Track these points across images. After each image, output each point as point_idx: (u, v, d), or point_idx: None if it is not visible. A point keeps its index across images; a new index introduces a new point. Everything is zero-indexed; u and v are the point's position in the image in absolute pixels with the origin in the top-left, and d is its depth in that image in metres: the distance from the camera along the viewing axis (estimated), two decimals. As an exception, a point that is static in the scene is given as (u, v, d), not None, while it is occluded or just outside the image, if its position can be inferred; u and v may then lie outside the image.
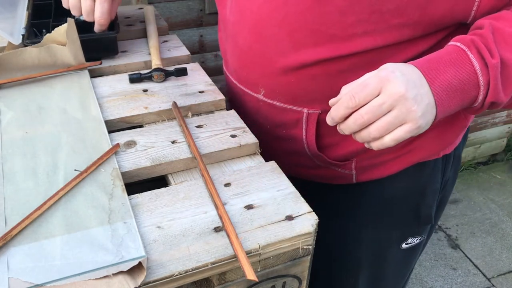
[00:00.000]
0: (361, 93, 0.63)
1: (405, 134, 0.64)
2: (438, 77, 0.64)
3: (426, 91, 0.64)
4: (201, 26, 1.76)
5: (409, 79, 0.63)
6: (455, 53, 0.65)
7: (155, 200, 0.64)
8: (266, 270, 0.62)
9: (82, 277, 0.52)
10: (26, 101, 0.81)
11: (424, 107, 0.63)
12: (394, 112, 0.62)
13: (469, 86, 0.64)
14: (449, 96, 0.64)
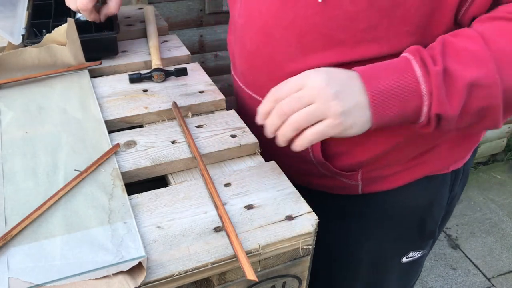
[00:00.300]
0: (283, 87, 0.64)
1: (325, 128, 0.62)
2: (375, 81, 0.62)
3: (356, 91, 0.62)
4: (201, 26, 1.76)
5: (334, 77, 0.62)
6: (400, 62, 0.63)
7: (155, 200, 0.64)
8: (266, 270, 0.62)
9: (82, 277, 0.52)
10: (26, 101, 0.81)
11: (350, 105, 0.61)
12: (313, 105, 0.61)
13: (410, 94, 0.61)
14: (386, 101, 0.62)
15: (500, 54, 0.60)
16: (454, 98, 0.61)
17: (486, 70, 0.60)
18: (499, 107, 0.62)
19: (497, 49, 0.60)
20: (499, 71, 0.60)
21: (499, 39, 0.61)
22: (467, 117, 0.63)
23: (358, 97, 0.62)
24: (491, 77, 0.60)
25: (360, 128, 0.63)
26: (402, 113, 0.63)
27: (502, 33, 0.61)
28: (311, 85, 0.62)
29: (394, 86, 0.62)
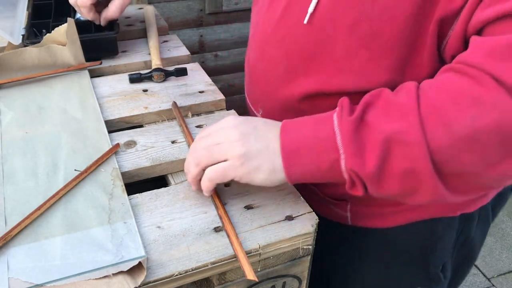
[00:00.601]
0: (205, 129, 0.64)
1: (225, 168, 0.59)
2: (292, 131, 0.59)
3: (269, 137, 0.59)
4: (201, 26, 1.76)
5: (249, 122, 0.61)
6: (326, 113, 0.59)
7: (155, 200, 0.64)
8: (266, 270, 0.62)
9: (82, 277, 0.52)
10: (26, 101, 0.81)
11: (255, 148, 0.59)
12: (219, 144, 0.60)
13: (324, 144, 0.56)
14: (297, 151, 0.57)
15: (430, 111, 0.52)
16: (369, 152, 0.54)
17: (407, 125, 0.52)
18: (428, 172, 0.52)
19: (428, 105, 0.52)
20: (425, 129, 0.52)
21: (434, 95, 0.53)
22: (392, 181, 0.55)
23: (268, 143, 0.59)
24: (412, 134, 0.52)
25: (268, 175, 0.59)
26: (317, 166, 0.57)
27: (441, 87, 0.54)
28: (225, 126, 0.62)
29: (309, 136, 0.57)
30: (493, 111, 0.49)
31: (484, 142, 0.51)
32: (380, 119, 0.54)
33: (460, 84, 0.52)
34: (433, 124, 0.51)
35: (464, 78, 0.52)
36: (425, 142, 0.51)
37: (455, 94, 0.52)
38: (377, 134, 0.53)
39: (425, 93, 0.54)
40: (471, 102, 0.51)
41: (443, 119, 0.51)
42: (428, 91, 0.54)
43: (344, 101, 0.58)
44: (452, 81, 0.53)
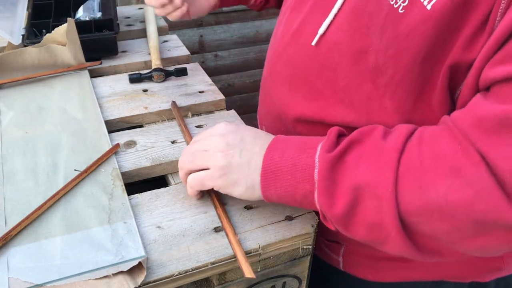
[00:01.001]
0: (196, 136, 0.64)
1: (205, 177, 0.59)
2: (278, 149, 0.57)
3: (254, 152, 0.58)
4: (201, 26, 1.76)
5: (238, 132, 0.61)
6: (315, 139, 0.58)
7: (155, 200, 0.64)
8: (266, 270, 0.62)
9: (82, 277, 0.52)
10: (26, 101, 0.81)
11: (236, 162, 0.58)
12: (204, 152, 0.60)
13: (303, 174, 0.54)
14: (277, 174, 0.56)
15: (408, 169, 0.50)
16: (339, 196, 0.53)
17: (382, 180, 0.50)
18: (394, 229, 0.50)
19: (409, 162, 0.51)
20: (398, 188, 0.50)
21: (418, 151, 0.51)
22: (359, 229, 0.54)
23: (251, 159, 0.58)
24: (384, 189, 0.50)
25: (246, 190, 0.58)
26: (292, 193, 0.56)
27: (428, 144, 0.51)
28: (214, 133, 0.61)
29: (289, 160, 0.56)
30: (469, 188, 0.47)
31: (456, 216, 0.48)
32: (358, 164, 0.53)
33: (446, 147, 0.50)
34: (407, 184, 0.50)
35: (452, 141, 0.50)
36: (395, 200, 0.50)
37: (437, 157, 0.49)
38: (351, 179, 0.52)
39: (412, 146, 0.52)
40: (450, 171, 0.48)
41: (418, 182, 0.49)
42: (416, 144, 0.52)
43: (332, 131, 0.57)
44: (440, 141, 0.51)
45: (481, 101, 0.49)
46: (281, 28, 0.74)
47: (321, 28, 0.63)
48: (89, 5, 1.06)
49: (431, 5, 0.50)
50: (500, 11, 0.47)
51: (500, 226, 0.47)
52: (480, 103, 0.49)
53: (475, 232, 0.49)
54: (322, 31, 0.63)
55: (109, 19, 0.99)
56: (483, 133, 0.47)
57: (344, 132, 0.58)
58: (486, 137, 0.46)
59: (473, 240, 0.49)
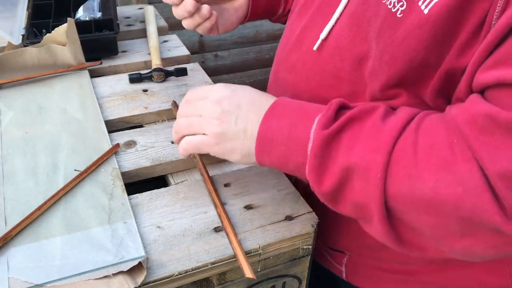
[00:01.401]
0: (194, 91, 0.63)
1: (200, 142, 0.59)
2: (274, 119, 0.56)
3: (250, 120, 0.57)
4: (201, 26, 1.76)
5: (235, 97, 0.59)
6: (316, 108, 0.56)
7: (155, 200, 0.64)
8: (266, 270, 0.62)
9: (82, 277, 0.52)
10: (26, 101, 0.81)
11: (232, 130, 0.57)
12: (199, 118, 0.60)
13: (297, 147, 0.54)
14: (272, 142, 0.56)
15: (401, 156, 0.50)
16: (329, 174, 0.52)
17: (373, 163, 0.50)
18: (377, 213, 0.50)
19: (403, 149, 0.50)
20: (388, 173, 0.50)
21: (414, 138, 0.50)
22: (346, 206, 0.54)
23: (247, 126, 0.57)
24: (374, 173, 0.50)
25: (242, 157, 0.58)
26: (285, 163, 0.56)
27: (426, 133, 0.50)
28: (210, 97, 0.60)
29: (286, 130, 0.55)
30: (458, 185, 0.46)
31: (443, 211, 0.48)
32: (353, 144, 0.52)
33: (441, 138, 0.49)
34: (397, 171, 0.49)
35: (448, 134, 0.49)
36: (383, 186, 0.49)
37: (431, 148, 0.49)
38: (343, 159, 0.52)
39: (409, 132, 0.51)
40: (441, 164, 0.47)
41: (409, 170, 0.49)
42: (413, 131, 0.51)
43: (332, 104, 0.55)
44: (437, 131, 0.50)
45: (478, 99, 0.48)
46: (285, 35, 0.74)
47: (322, 32, 0.62)
48: (89, 5, 1.06)
49: (428, 9, 0.49)
50: (496, 15, 0.46)
51: (487, 228, 0.47)
52: (476, 101, 0.48)
53: (461, 232, 0.48)
54: (323, 35, 0.62)
55: (109, 19, 0.99)
56: (475, 131, 0.46)
57: (346, 104, 0.57)
58: (478, 135, 0.46)
59: (458, 239, 0.49)
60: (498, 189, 0.44)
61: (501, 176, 0.44)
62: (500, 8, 0.45)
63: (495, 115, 0.44)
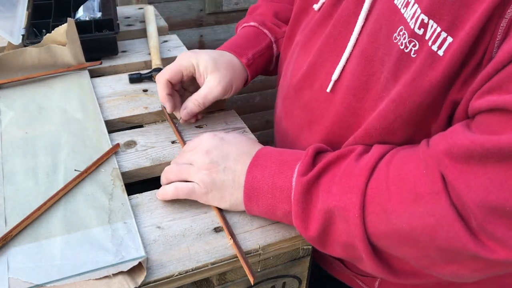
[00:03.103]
0: (188, 143, 0.66)
1: (191, 190, 0.61)
2: (260, 166, 0.59)
3: (237, 170, 0.60)
4: (201, 26, 1.76)
5: (221, 145, 0.62)
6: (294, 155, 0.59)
7: (155, 200, 0.64)
8: (266, 270, 0.62)
9: (82, 277, 0.52)
10: (26, 101, 0.81)
11: (220, 180, 0.60)
12: (190, 166, 0.62)
13: (282, 195, 0.57)
14: (259, 192, 0.58)
15: (376, 194, 0.51)
16: (313, 218, 0.55)
17: (350, 203, 0.52)
18: (364, 250, 0.52)
19: (377, 186, 0.52)
20: (365, 211, 0.51)
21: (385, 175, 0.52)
22: (335, 248, 0.56)
23: (235, 176, 0.60)
24: (352, 213, 0.52)
25: (231, 206, 0.61)
26: (273, 212, 0.58)
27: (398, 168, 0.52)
28: (199, 147, 0.63)
29: (269, 179, 0.58)
30: (430, 217, 0.47)
31: (422, 242, 0.49)
32: (330, 187, 0.54)
33: (411, 171, 0.50)
34: (373, 209, 0.51)
35: (418, 166, 0.50)
36: (362, 225, 0.51)
37: (402, 182, 0.50)
38: (323, 203, 0.54)
39: (380, 168, 0.53)
40: (413, 197, 0.49)
41: (384, 206, 0.50)
42: (384, 167, 0.53)
43: (309, 151, 0.58)
44: (408, 164, 0.51)
45: (458, 128, 0.49)
46: (291, 67, 0.73)
47: (334, 74, 0.62)
48: (89, 5, 1.06)
49: (442, 51, 0.48)
50: (495, 48, 0.46)
51: (466, 256, 0.47)
52: (456, 130, 0.49)
53: (444, 260, 0.49)
54: (335, 77, 0.62)
55: (109, 19, 0.99)
56: (452, 160, 0.47)
57: (323, 149, 0.59)
58: (455, 164, 0.46)
59: (443, 267, 0.50)
60: (474, 217, 0.45)
61: (477, 204, 0.44)
62: (499, 41, 0.45)
63: (470, 144, 0.45)
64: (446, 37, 0.48)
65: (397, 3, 0.53)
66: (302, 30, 0.73)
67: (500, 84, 0.44)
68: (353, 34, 0.59)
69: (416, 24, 0.50)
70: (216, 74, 0.74)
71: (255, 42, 0.82)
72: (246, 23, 0.86)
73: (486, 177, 0.44)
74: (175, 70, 0.74)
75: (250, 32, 0.83)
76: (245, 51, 0.80)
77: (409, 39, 0.51)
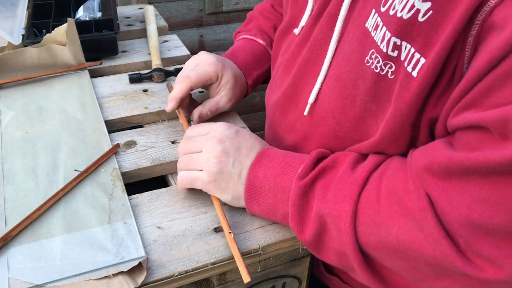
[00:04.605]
0: (196, 127, 0.66)
1: (197, 179, 0.61)
2: (264, 165, 0.59)
3: (243, 164, 0.61)
4: (201, 26, 1.76)
5: (235, 138, 0.62)
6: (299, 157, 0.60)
7: (155, 200, 0.64)
8: (266, 270, 0.62)
9: (82, 277, 0.52)
10: (26, 101, 0.81)
11: (227, 172, 0.60)
12: (200, 154, 0.62)
13: (282, 196, 0.57)
14: (260, 190, 0.59)
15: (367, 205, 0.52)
16: (308, 223, 0.56)
17: (343, 212, 0.52)
18: (356, 260, 0.53)
19: (369, 197, 0.52)
20: (357, 222, 0.52)
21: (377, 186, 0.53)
22: (329, 255, 0.56)
23: (242, 170, 0.60)
24: (344, 222, 0.52)
25: (232, 199, 0.61)
26: (273, 212, 0.59)
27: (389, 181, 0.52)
28: (212, 134, 0.63)
29: (272, 179, 0.58)
30: (419, 232, 0.48)
31: (411, 256, 0.49)
32: (326, 193, 0.55)
33: (400, 185, 0.51)
34: (364, 219, 0.52)
35: (406, 180, 0.50)
36: (354, 234, 0.52)
37: (392, 195, 0.51)
38: (317, 208, 0.54)
39: (373, 179, 0.53)
40: (402, 211, 0.49)
41: (374, 218, 0.51)
42: (377, 178, 0.53)
43: (312, 155, 0.58)
44: (398, 177, 0.52)
45: (438, 145, 0.49)
46: (273, 88, 0.74)
47: (310, 97, 0.63)
48: (89, 5, 1.06)
49: (416, 72, 0.48)
50: (465, 64, 0.46)
51: (455, 272, 0.47)
52: (436, 146, 0.49)
53: (434, 274, 0.49)
54: (312, 100, 0.63)
55: (109, 19, 0.99)
56: (434, 177, 0.47)
57: (326, 154, 0.60)
58: (437, 181, 0.47)
59: (435, 281, 0.50)
60: (459, 235, 0.45)
61: (461, 222, 0.44)
62: (468, 57, 0.46)
63: (450, 161, 0.45)
64: (419, 58, 0.48)
65: (368, 26, 0.54)
66: (283, 53, 0.73)
67: (474, 101, 0.45)
68: (326, 57, 0.59)
69: (388, 47, 0.50)
70: (231, 92, 0.77)
71: (260, 63, 0.85)
72: (254, 37, 0.87)
73: (468, 195, 0.44)
74: (203, 79, 0.74)
75: (258, 51, 0.86)
76: (252, 71, 0.83)
77: (384, 62, 0.51)
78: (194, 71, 0.74)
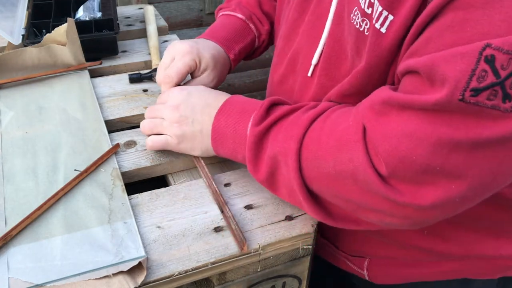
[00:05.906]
0: (159, 96, 0.73)
1: (165, 142, 0.69)
2: (223, 116, 0.65)
3: (205, 121, 0.67)
4: (201, 26, 1.76)
5: (189, 99, 0.69)
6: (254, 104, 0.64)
7: (155, 200, 0.64)
8: (266, 270, 0.62)
9: (82, 277, 0.52)
10: (26, 101, 0.81)
11: (189, 131, 0.67)
12: (162, 120, 0.69)
13: (240, 140, 0.62)
14: (223, 138, 0.65)
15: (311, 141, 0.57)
16: (262, 164, 0.61)
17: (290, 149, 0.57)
18: (302, 195, 0.57)
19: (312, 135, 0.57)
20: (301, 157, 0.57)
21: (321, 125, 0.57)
22: (283, 192, 0.61)
23: (203, 127, 0.67)
24: (291, 158, 0.57)
25: (202, 153, 0.69)
26: (235, 156, 0.65)
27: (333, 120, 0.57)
28: (168, 103, 0.70)
29: (231, 126, 0.64)
30: (350, 163, 0.52)
31: (347, 185, 0.53)
32: (278, 135, 0.59)
33: (341, 123, 0.55)
34: (307, 155, 0.56)
35: (347, 119, 0.55)
36: (298, 169, 0.57)
37: (332, 132, 0.55)
38: (270, 149, 0.59)
39: (319, 121, 0.58)
40: (338, 145, 0.54)
41: (315, 153, 0.56)
42: (322, 120, 0.58)
43: (264, 104, 0.63)
44: (340, 118, 0.56)
45: (383, 88, 0.54)
46: (276, 59, 0.77)
47: (314, 58, 0.66)
48: (89, 5, 1.06)
49: (385, 28, 0.52)
50: None
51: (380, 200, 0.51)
52: (381, 89, 0.53)
53: (366, 207, 0.54)
54: (315, 61, 0.66)
55: (109, 19, 0.99)
56: (373, 113, 0.51)
57: (280, 101, 0.65)
58: (375, 116, 0.51)
59: (368, 212, 0.54)
60: (386, 164, 0.49)
61: (390, 153, 0.49)
62: None
63: (389, 99, 0.50)
64: (387, 16, 0.51)
65: None
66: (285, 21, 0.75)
67: (416, 50, 0.49)
68: (328, 18, 0.63)
69: (365, 3, 0.54)
70: (212, 73, 0.79)
71: (241, 37, 0.86)
72: (233, 12, 0.89)
73: (399, 129, 0.48)
74: (184, 73, 0.76)
75: (238, 25, 0.87)
76: (233, 45, 0.84)
77: (361, 18, 0.55)
78: (173, 67, 0.75)
